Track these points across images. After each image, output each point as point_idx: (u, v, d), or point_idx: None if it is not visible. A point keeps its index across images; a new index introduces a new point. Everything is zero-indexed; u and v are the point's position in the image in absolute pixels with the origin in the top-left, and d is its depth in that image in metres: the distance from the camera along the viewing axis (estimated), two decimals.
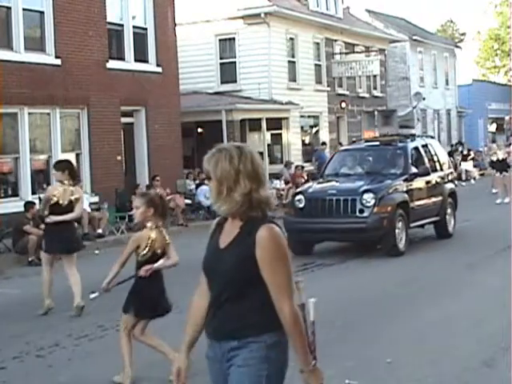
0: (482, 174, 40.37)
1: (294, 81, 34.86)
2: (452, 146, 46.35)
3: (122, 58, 24.62)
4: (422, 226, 18.36)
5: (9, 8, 20.73)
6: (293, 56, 34.91)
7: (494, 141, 51.36)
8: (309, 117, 36.15)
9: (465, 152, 40.19)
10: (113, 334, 10.24)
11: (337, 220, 16.04)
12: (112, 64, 23.80)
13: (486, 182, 34.84)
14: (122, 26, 24.74)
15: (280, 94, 33.13)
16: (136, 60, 25.04)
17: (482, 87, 61.17)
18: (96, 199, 22.04)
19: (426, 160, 18.61)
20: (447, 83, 53.53)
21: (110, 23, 24.08)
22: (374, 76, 40.94)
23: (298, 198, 16.79)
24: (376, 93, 42.88)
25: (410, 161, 17.77)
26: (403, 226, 16.40)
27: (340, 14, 39.68)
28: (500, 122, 63.64)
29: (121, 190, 23.17)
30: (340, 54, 38.82)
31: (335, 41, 38.47)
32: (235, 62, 33.33)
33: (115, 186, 22.95)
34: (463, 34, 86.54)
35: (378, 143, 19.14)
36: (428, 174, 18.16)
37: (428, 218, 18.09)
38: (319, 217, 16.23)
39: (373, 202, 15.89)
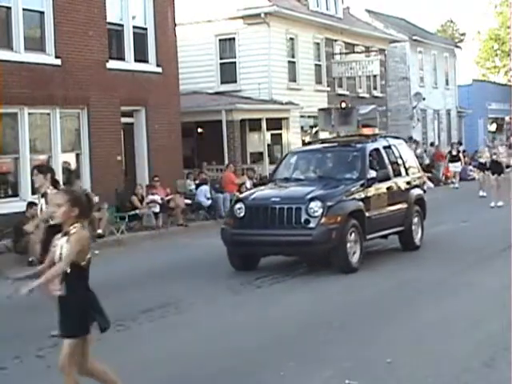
0: None
1: (294, 81, 34.87)
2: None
3: (121, 58, 24.60)
4: (385, 237, 16.60)
5: (9, 8, 20.71)
6: (293, 56, 34.93)
7: (492, 141, 51.07)
8: (309, 117, 36.08)
9: (454, 153, 38.11)
10: (112, 334, 10.24)
11: (280, 232, 14.21)
12: (112, 64, 23.79)
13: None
14: (121, 26, 24.73)
15: (280, 94, 33.14)
16: (136, 60, 25.03)
17: (482, 87, 61.16)
18: (96, 199, 21.98)
19: (388, 163, 16.70)
20: (447, 83, 53.52)
21: (109, 23, 24.07)
22: (374, 76, 40.97)
23: (237, 206, 14.85)
24: (376, 93, 42.90)
25: (367, 164, 15.85)
26: (357, 238, 14.55)
27: (340, 14, 39.69)
28: (500, 122, 63.65)
29: (121, 190, 23.18)
30: (340, 54, 38.84)
31: (335, 41, 38.49)
32: (235, 62, 33.35)
33: (115, 186, 22.94)
34: (463, 34, 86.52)
35: (335, 144, 17.46)
36: (388, 178, 16.35)
37: (389, 228, 16.23)
38: (260, 228, 14.38)
39: (320, 211, 14.05)
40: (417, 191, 17.52)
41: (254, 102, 32.34)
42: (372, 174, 15.70)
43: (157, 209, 22.68)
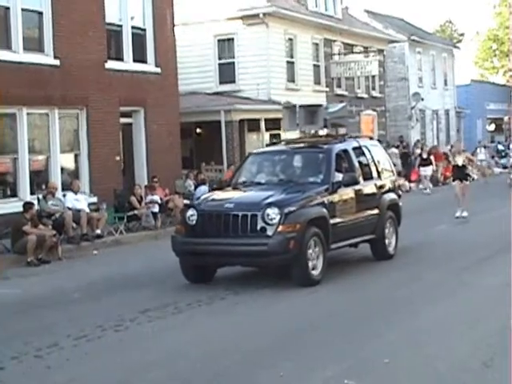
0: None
1: (293, 81, 34.89)
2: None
3: (120, 59, 24.61)
4: (354, 245, 15.52)
5: (7, 8, 20.72)
6: (291, 56, 34.95)
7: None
8: None
9: (424, 156, 35.47)
10: (111, 335, 10.26)
11: (234, 241, 13.07)
12: (111, 64, 23.80)
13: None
14: (120, 26, 24.74)
15: (279, 95, 33.11)
16: (135, 60, 25.04)
17: (480, 87, 61.23)
18: (94, 200, 22.03)
19: (358, 166, 15.50)
20: (446, 83, 53.54)
21: (108, 24, 24.08)
22: (373, 76, 41.01)
23: (189, 213, 13.67)
24: (375, 93, 42.92)
25: (333, 167, 14.64)
26: (319, 248, 13.38)
27: (339, 15, 39.71)
28: (498, 123, 63.67)
29: (119, 190, 23.17)
30: (339, 54, 38.85)
31: (334, 41, 38.51)
32: (234, 63, 33.38)
33: (114, 186, 22.94)
34: (462, 35, 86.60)
35: (300, 145, 16.33)
36: (358, 182, 15.09)
37: (358, 236, 15.08)
38: (213, 236, 13.25)
39: (277, 218, 12.87)
40: (390, 196, 16.37)
41: (253, 102, 32.36)
42: (338, 177, 14.54)
43: (155, 209, 22.67)
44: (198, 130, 32.59)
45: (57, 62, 21.81)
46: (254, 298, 12.54)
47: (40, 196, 20.16)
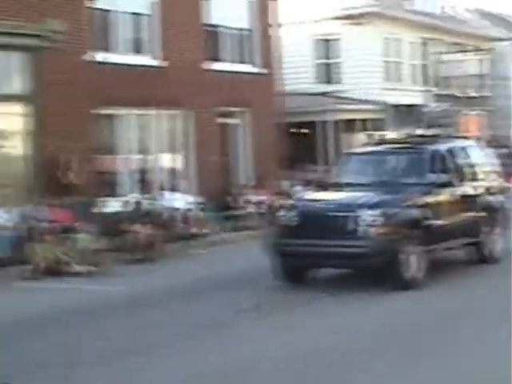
0: None
1: (397, 81, 34.56)
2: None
3: (224, 60, 24.86)
4: (457, 248, 15.17)
5: (114, 11, 21.24)
6: (398, 56, 34.64)
7: None
8: None
9: None
10: (210, 334, 10.34)
11: (333, 242, 12.92)
12: (215, 66, 24.06)
13: None
14: (225, 27, 24.97)
15: (380, 95, 32.82)
16: (239, 61, 25.27)
17: None
18: (201, 200, 22.25)
19: (457, 167, 15.08)
20: None
21: (212, 25, 24.35)
22: (480, 76, 40.30)
23: (285, 213, 13.70)
24: (483, 93, 42.04)
25: (432, 168, 14.40)
26: (419, 250, 13.17)
27: (445, 13, 39.23)
28: None
29: (225, 190, 23.38)
30: (446, 53, 38.31)
31: (440, 40, 38.01)
32: (337, 63, 33.42)
33: (219, 186, 23.19)
34: None
35: (395, 146, 16.38)
36: (457, 183, 14.68)
37: (458, 238, 14.66)
38: (311, 238, 13.11)
39: (378, 219, 12.76)
40: (495, 198, 15.94)
41: (354, 102, 32.21)
42: (437, 178, 14.22)
43: (260, 209, 22.78)
44: (302, 131, 32.62)
45: (161, 64, 22.18)
46: (352, 300, 12.42)
47: (143, 195, 20.56)
